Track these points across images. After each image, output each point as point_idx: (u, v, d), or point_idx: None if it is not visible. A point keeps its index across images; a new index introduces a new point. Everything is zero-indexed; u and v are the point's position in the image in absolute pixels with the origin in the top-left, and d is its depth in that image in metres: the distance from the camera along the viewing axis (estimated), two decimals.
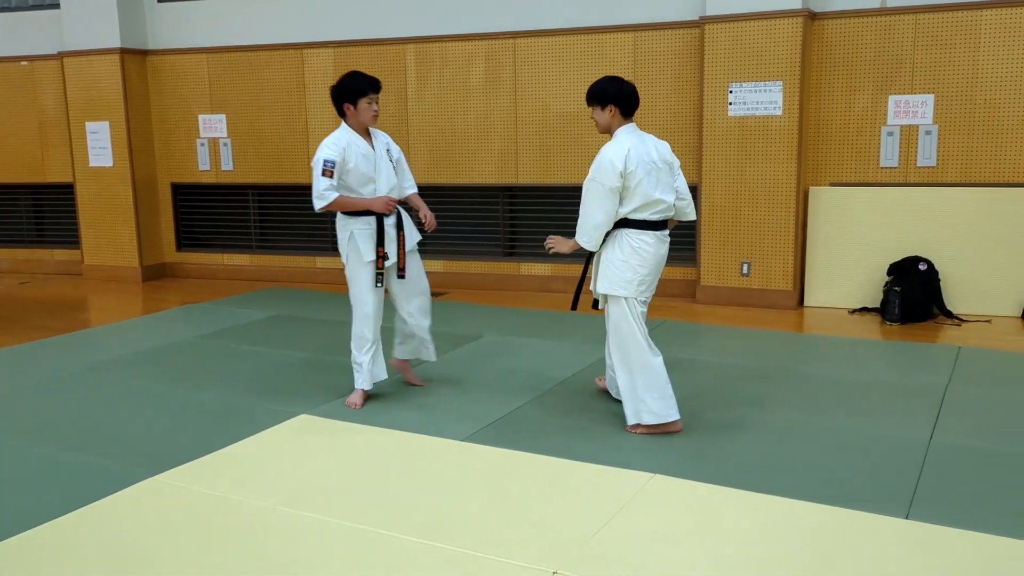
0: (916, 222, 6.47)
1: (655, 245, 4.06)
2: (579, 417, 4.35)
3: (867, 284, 6.63)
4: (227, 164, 8.55)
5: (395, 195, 4.50)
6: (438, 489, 3.50)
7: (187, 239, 8.99)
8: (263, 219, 8.74)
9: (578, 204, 4.09)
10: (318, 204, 4.32)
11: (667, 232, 4.15)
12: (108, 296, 8.08)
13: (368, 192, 4.41)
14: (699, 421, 4.25)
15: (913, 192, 6.48)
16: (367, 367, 4.49)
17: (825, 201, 6.70)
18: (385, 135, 4.62)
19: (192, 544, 3.07)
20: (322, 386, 4.89)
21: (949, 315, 6.30)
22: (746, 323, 6.34)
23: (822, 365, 5.23)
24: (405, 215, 4.56)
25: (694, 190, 7.09)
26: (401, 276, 4.51)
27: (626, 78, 4.24)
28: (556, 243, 4.25)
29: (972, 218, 6.35)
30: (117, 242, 8.70)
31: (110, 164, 8.58)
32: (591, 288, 4.26)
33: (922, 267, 6.27)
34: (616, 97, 4.10)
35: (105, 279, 8.75)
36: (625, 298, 4.07)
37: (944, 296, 6.36)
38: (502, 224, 7.84)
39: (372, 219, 4.39)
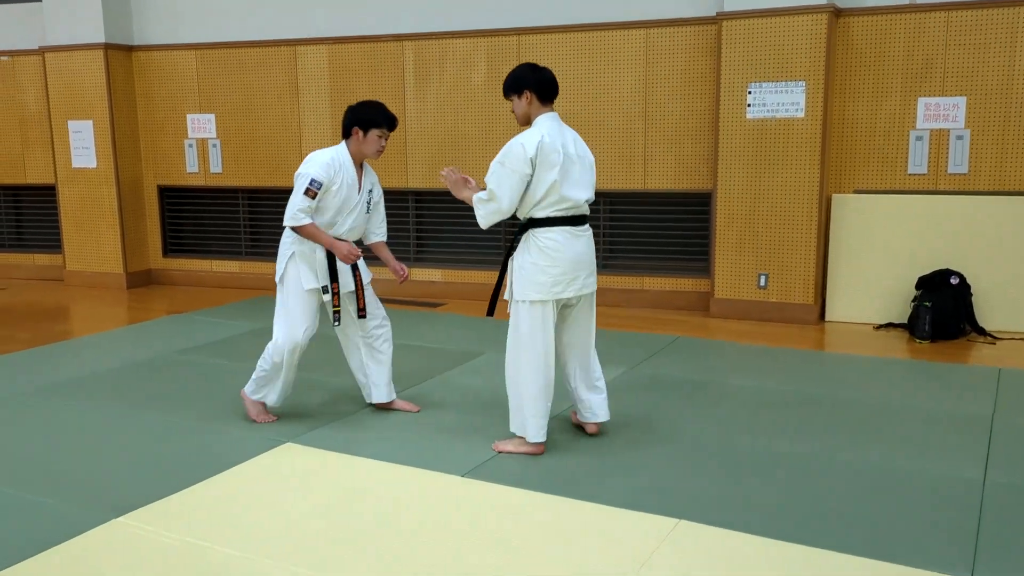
0: (946, 232, 6.07)
1: (567, 241, 3.71)
2: (593, 451, 3.94)
3: (894, 298, 6.22)
4: (216, 166, 8.15)
5: (354, 237, 4.24)
6: (434, 536, 3.09)
7: (174, 244, 8.58)
8: (254, 224, 8.34)
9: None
10: (289, 223, 4.06)
11: (584, 227, 3.82)
12: (89, 304, 7.67)
13: (336, 224, 4.12)
14: (719, 455, 3.84)
15: (943, 200, 6.08)
16: (268, 386, 4.27)
17: (849, 209, 6.30)
18: (374, 175, 4.32)
19: None
20: (309, 409, 4.48)
21: (982, 332, 5.90)
22: (764, 340, 5.94)
23: (849, 389, 4.82)
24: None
25: (708, 196, 6.70)
26: (361, 315, 4.27)
27: (637, 77, 3.86)
28: (452, 181, 3.90)
29: (1006, 228, 5.95)
30: (101, 247, 8.29)
31: (94, 165, 8.17)
32: (505, 296, 3.89)
33: (954, 281, 5.87)
34: (533, 82, 3.80)
35: (88, 286, 8.35)
36: (540, 302, 3.71)
37: (976, 312, 5.96)
38: (504, 233, 7.43)
39: (322, 249, 4.12)
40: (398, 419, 4.33)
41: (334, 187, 4.06)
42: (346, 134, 4.17)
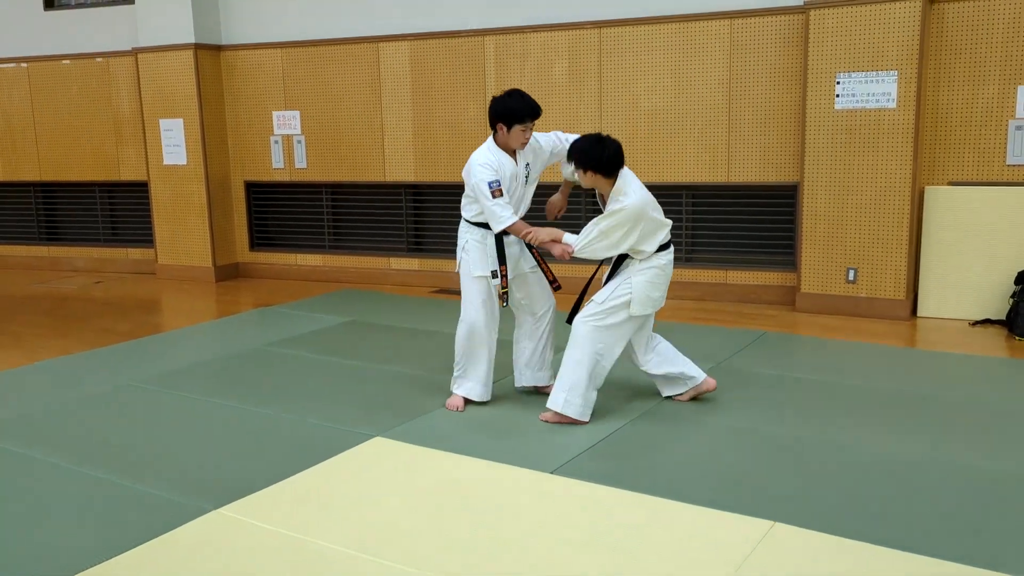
0: None
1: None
2: (684, 445, 3.91)
3: (991, 293, 6.00)
4: (301, 162, 8.32)
5: (523, 212, 4.39)
6: (522, 533, 3.11)
7: (260, 239, 8.80)
8: (336, 218, 8.49)
9: (668, 204, 4.10)
10: (498, 226, 4.18)
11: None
12: (180, 297, 7.93)
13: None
14: (814, 455, 3.77)
15: None
16: (464, 379, 4.45)
17: (943, 202, 6.09)
18: (532, 138, 4.33)
19: None
20: (398, 404, 4.55)
21: None
22: (854, 335, 5.80)
23: (948, 388, 4.67)
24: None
25: (793, 188, 6.56)
26: (557, 287, 4.51)
27: (721, 68, 3.96)
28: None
29: None
30: (191, 241, 8.55)
31: (184, 162, 8.43)
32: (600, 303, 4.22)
33: None
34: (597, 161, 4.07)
35: (178, 279, 8.62)
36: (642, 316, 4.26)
37: None
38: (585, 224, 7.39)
39: (489, 233, 4.26)
40: (482, 413, 4.36)
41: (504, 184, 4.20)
42: (493, 127, 4.22)
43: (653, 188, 7.01)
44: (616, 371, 5.02)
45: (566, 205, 4.59)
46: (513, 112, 4.16)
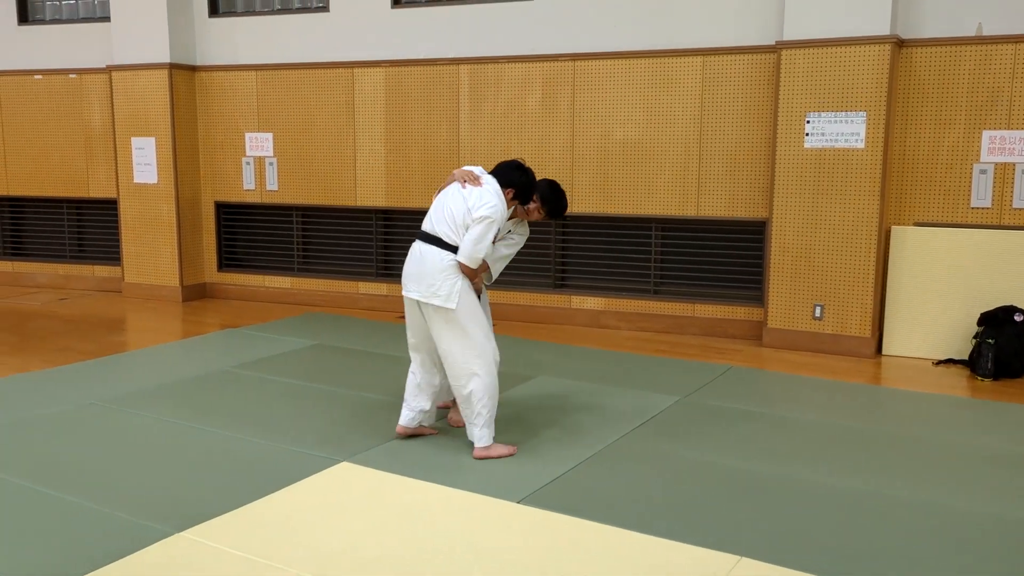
0: (1011, 268, 5.94)
1: None
2: (651, 478, 3.91)
3: (954, 334, 6.10)
4: (272, 184, 8.28)
5: None
6: (487, 562, 3.08)
7: (229, 259, 8.72)
8: (306, 241, 8.45)
9: (637, 236, 3.88)
10: (473, 265, 4.08)
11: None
12: (146, 316, 7.82)
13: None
14: (776, 490, 3.78)
15: (1008, 235, 5.96)
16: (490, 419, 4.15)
17: (909, 242, 6.20)
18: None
19: None
20: (365, 428, 4.51)
21: None
22: (819, 372, 5.86)
23: (909, 425, 4.74)
24: None
25: (762, 224, 6.64)
26: None
27: (693, 104, 3.98)
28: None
29: None
30: (158, 261, 8.46)
31: (155, 181, 8.36)
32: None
33: (1018, 318, 5.73)
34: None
35: (145, 298, 8.51)
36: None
37: None
38: (553, 254, 7.44)
39: None
40: (452, 441, 4.34)
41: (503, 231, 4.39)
42: (509, 187, 4.19)
43: (623, 219, 7.14)
44: (585, 402, 5.04)
45: None
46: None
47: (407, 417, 4.32)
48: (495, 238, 4.21)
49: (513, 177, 4.20)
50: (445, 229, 4.08)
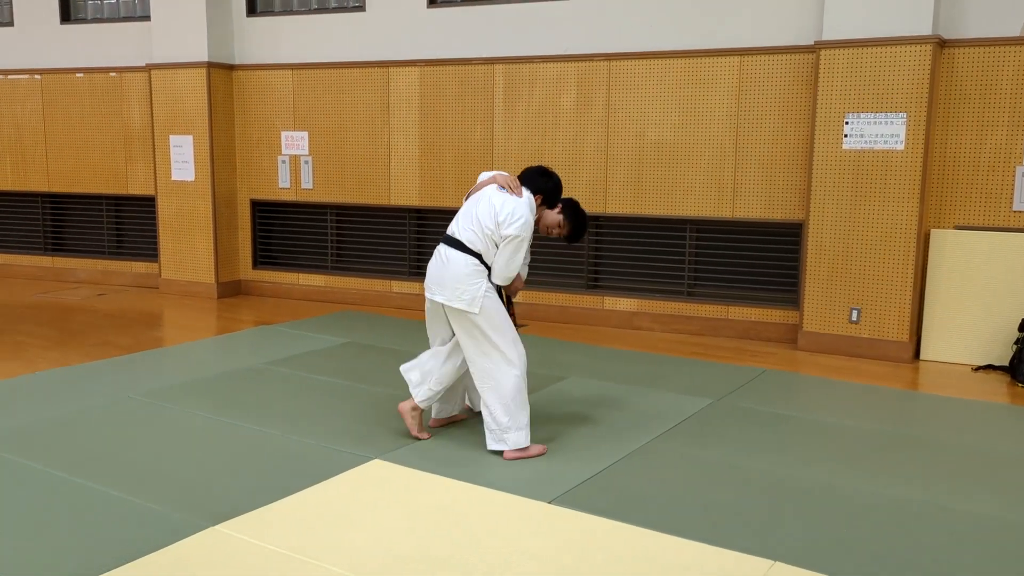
0: None
1: None
2: (683, 481, 3.88)
3: (994, 339, 5.99)
4: (307, 182, 8.35)
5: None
6: (518, 563, 3.08)
7: (264, 257, 8.80)
8: (340, 240, 8.50)
9: (671, 237, 3.81)
10: (507, 280, 4.17)
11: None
12: (182, 312, 7.92)
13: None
14: (812, 496, 3.74)
15: None
16: (526, 425, 4.11)
17: (949, 245, 6.10)
18: None
19: None
20: (397, 427, 4.52)
21: None
22: (855, 376, 5.78)
23: (948, 432, 4.66)
24: None
25: (798, 226, 6.57)
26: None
27: (730, 104, 3.91)
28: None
29: None
30: (195, 257, 8.56)
31: (192, 178, 8.46)
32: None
33: None
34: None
35: (181, 294, 8.62)
36: None
37: None
38: (586, 255, 7.42)
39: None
40: (483, 439, 4.34)
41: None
42: (539, 194, 4.19)
43: (657, 220, 7.10)
44: (617, 403, 5.02)
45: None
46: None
47: (430, 405, 4.42)
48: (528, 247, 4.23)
49: (539, 183, 4.20)
50: (470, 235, 4.08)
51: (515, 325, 4.24)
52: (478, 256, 4.06)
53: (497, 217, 4.02)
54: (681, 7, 6.78)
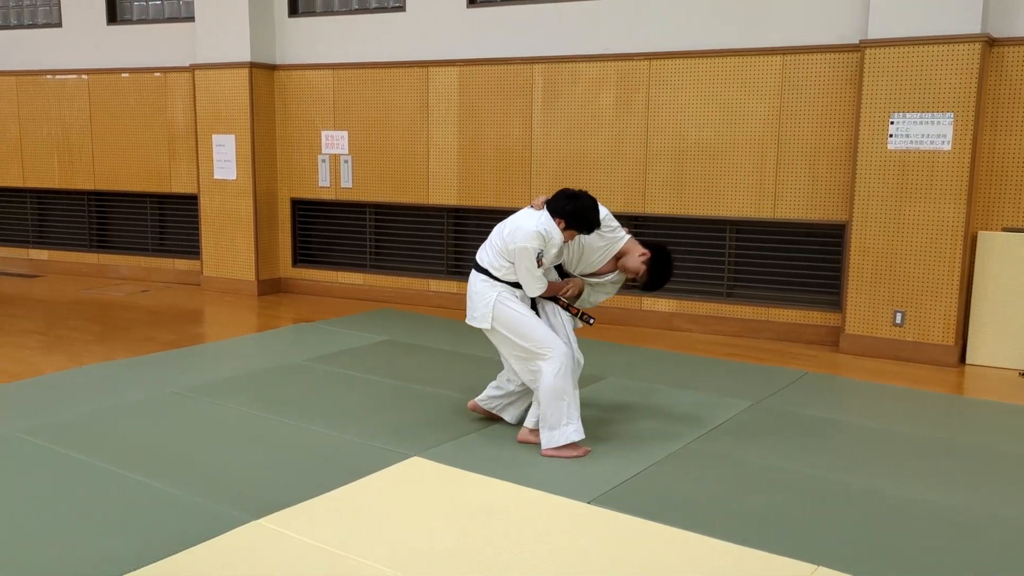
0: None
1: None
2: (722, 483, 3.85)
3: None
4: (347, 181, 8.41)
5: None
6: (557, 562, 3.07)
7: (303, 255, 8.89)
8: (379, 238, 8.55)
9: (711, 238, 3.76)
10: (535, 294, 4.23)
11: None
12: (223, 309, 8.02)
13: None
14: (856, 500, 3.68)
15: None
16: (573, 420, 4.12)
17: (997, 248, 5.98)
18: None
19: None
20: (435, 424, 4.54)
21: None
22: (898, 380, 5.69)
23: (996, 439, 4.56)
24: None
25: (841, 228, 6.48)
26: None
27: (772, 103, 3.82)
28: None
29: None
30: (236, 255, 8.67)
31: (233, 177, 8.56)
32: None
33: None
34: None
35: (222, 291, 8.73)
36: None
37: None
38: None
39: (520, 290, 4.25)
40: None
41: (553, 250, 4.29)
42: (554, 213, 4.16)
43: (697, 220, 7.04)
44: (656, 405, 4.99)
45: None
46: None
47: (481, 395, 4.54)
48: (548, 259, 4.15)
49: (561, 205, 4.12)
50: (483, 255, 4.28)
51: (579, 317, 4.32)
52: (486, 272, 4.21)
53: (503, 231, 4.17)
54: (723, 6, 6.72)
